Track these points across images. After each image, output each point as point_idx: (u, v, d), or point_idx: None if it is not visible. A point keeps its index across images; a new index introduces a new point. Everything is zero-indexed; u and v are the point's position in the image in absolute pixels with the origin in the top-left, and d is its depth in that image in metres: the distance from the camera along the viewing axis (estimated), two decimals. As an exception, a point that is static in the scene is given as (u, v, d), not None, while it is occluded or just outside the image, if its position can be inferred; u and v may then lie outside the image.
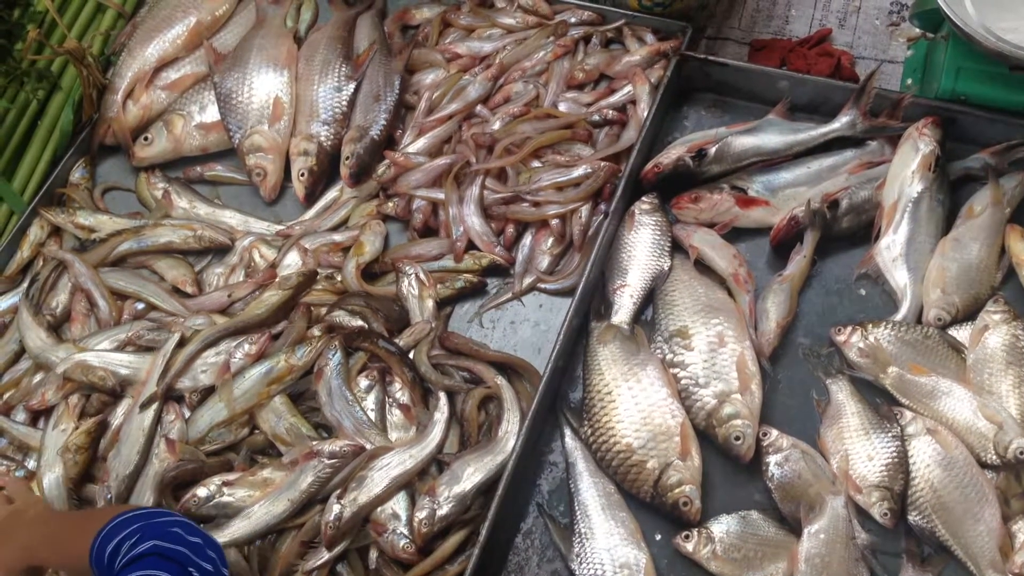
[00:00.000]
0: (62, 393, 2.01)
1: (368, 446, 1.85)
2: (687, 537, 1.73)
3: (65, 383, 2.01)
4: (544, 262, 2.12)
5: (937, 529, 1.70)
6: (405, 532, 1.77)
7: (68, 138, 2.41)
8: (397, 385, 1.95)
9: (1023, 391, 1.78)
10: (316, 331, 2.03)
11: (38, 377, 2.07)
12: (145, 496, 1.86)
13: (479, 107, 2.32)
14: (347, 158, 2.26)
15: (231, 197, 2.37)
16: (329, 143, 2.31)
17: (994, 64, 1.93)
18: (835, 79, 2.27)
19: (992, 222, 1.97)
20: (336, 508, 1.77)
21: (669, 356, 1.90)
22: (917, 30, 2.19)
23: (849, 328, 1.89)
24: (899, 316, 1.92)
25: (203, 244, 2.23)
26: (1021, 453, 1.70)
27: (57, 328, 2.16)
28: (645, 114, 2.20)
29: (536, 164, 2.20)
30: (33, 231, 2.31)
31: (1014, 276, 1.95)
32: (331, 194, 2.31)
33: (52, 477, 1.90)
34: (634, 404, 1.83)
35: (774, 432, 1.80)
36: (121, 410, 2.00)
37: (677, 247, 2.08)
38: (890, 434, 1.77)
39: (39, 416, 2.04)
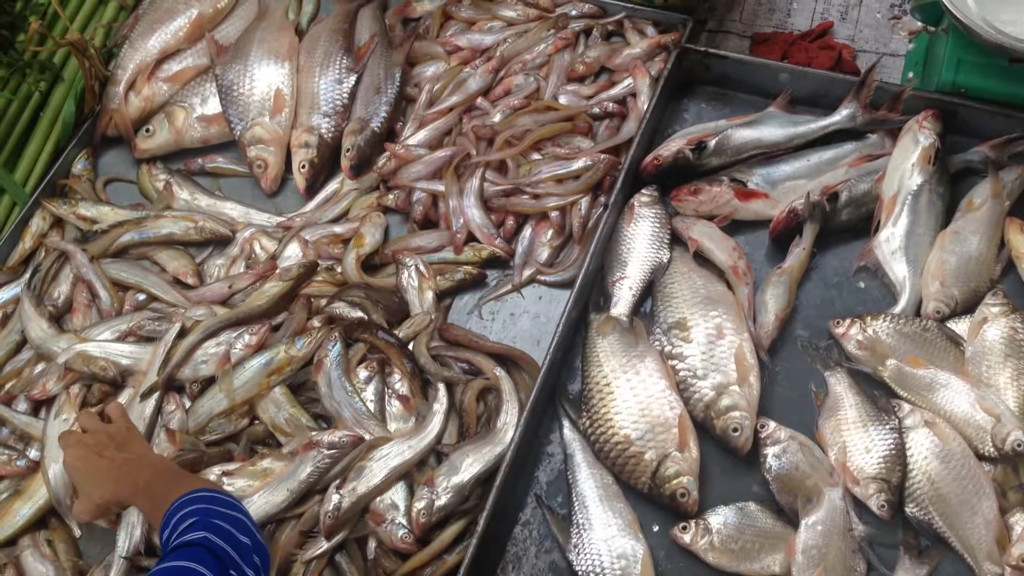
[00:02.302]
0: (63, 383, 2.02)
1: (367, 437, 1.85)
2: (684, 528, 1.74)
3: (66, 373, 2.02)
4: (544, 254, 2.12)
5: (934, 521, 1.70)
6: (403, 522, 1.78)
7: (70, 130, 2.42)
8: (396, 376, 1.95)
9: (1021, 384, 1.78)
10: (316, 322, 2.03)
11: (39, 367, 2.08)
12: (145, 485, 1.86)
13: (479, 100, 2.32)
14: (348, 150, 2.27)
15: (232, 189, 2.38)
16: (330, 135, 2.31)
17: (994, 57, 1.93)
18: (836, 72, 2.27)
19: (992, 215, 1.97)
20: (335, 498, 1.78)
21: (668, 348, 1.90)
22: (918, 23, 2.18)
23: (848, 320, 1.89)
24: (898, 309, 1.92)
25: (204, 235, 2.24)
26: (1018, 445, 1.70)
27: (59, 319, 2.17)
28: (645, 107, 2.20)
29: (536, 156, 2.21)
30: (35, 222, 2.32)
31: (1013, 269, 1.95)
32: (332, 186, 2.32)
33: (57, 468, 1.90)
34: (632, 396, 1.84)
35: (772, 424, 1.80)
36: (122, 400, 2.00)
37: (676, 239, 2.08)
38: (888, 426, 1.78)
39: (40, 406, 2.05)
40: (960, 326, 1.89)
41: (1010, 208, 2.00)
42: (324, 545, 1.78)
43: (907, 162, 1.99)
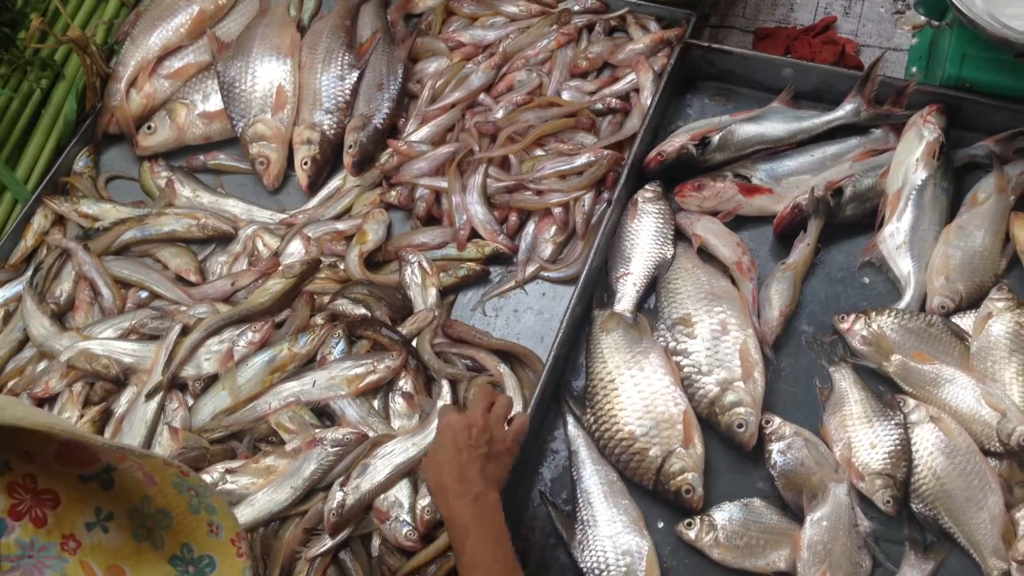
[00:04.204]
0: (66, 381, 2.01)
1: (371, 434, 1.85)
2: (689, 525, 1.74)
3: (69, 371, 2.02)
4: (547, 250, 2.11)
5: (940, 517, 1.70)
6: (408, 519, 1.77)
7: (72, 127, 2.41)
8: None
9: (1027, 379, 1.78)
10: (319, 319, 2.03)
11: (42, 365, 2.08)
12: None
13: (482, 95, 2.31)
14: (350, 147, 2.26)
15: (234, 186, 2.37)
16: (332, 132, 2.31)
17: (999, 51, 1.92)
18: (839, 67, 2.26)
19: (996, 210, 1.96)
20: (339, 496, 1.78)
21: (672, 344, 1.90)
22: (922, 18, 2.17)
23: (852, 316, 1.89)
24: (902, 304, 1.92)
25: (206, 233, 2.23)
26: (1024, 440, 1.69)
27: (61, 316, 2.16)
28: (648, 102, 2.19)
29: (539, 152, 2.20)
30: (37, 220, 2.31)
31: (1018, 264, 1.95)
32: (334, 183, 2.31)
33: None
34: (637, 392, 1.83)
35: (777, 420, 1.80)
36: (125, 398, 2.00)
37: (680, 235, 2.08)
38: (893, 422, 1.77)
39: (43, 404, 2.04)
40: (965, 321, 1.88)
41: (1015, 203, 1.99)
42: (328, 543, 1.77)
43: (911, 157, 1.99)
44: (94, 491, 1.01)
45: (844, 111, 2.10)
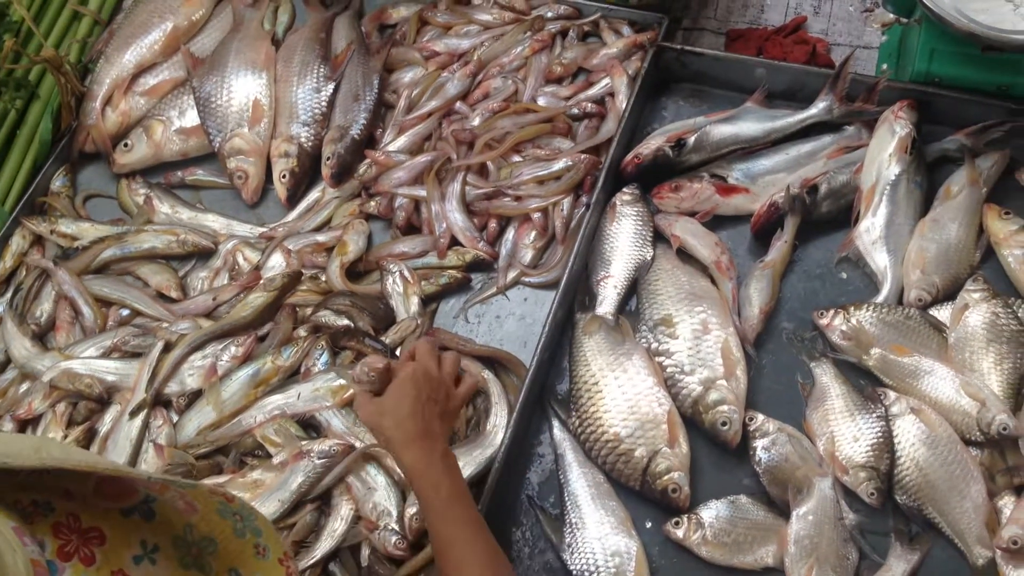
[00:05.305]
0: (49, 402, 2.00)
1: (358, 444, 1.85)
2: (677, 523, 1.74)
3: (52, 391, 2.00)
4: (527, 256, 2.12)
5: (924, 507, 1.72)
6: (396, 528, 1.77)
7: (48, 147, 2.40)
8: (384, 382, 1.95)
9: (1004, 368, 1.79)
10: (302, 331, 2.03)
11: (24, 386, 2.06)
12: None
13: (458, 104, 2.32)
14: (328, 158, 2.26)
15: (213, 201, 2.37)
16: (310, 144, 2.31)
17: (967, 46, 1.94)
18: (811, 66, 2.28)
19: (969, 202, 1.98)
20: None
21: (654, 345, 1.91)
22: (891, 15, 2.20)
23: (831, 311, 1.90)
24: (880, 298, 1.93)
25: (186, 248, 2.22)
26: (1004, 429, 1.71)
27: (42, 337, 2.15)
28: (624, 106, 2.21)
29: (516, 159, 2.21)
30: (15, 241, 2.30)
31: (992, 255, 1.96)
32: (313, 195, 2.31)
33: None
34: (621, 393, 1.84)
35: (760, 417, 1.81)
36: (109, 417, 1.99)
37: (659, 237, 2.09)
38: (875, 415, 1.79)
39: (26, 425, 2.03)
40: (942, 313, 1.90)
41: (987, 195, 2.02)
42: (317, 554, 1.77)
43: (884, 152, 2.01)
44: (138, 524, 1.00)
45: (817, 109, 2.12)
